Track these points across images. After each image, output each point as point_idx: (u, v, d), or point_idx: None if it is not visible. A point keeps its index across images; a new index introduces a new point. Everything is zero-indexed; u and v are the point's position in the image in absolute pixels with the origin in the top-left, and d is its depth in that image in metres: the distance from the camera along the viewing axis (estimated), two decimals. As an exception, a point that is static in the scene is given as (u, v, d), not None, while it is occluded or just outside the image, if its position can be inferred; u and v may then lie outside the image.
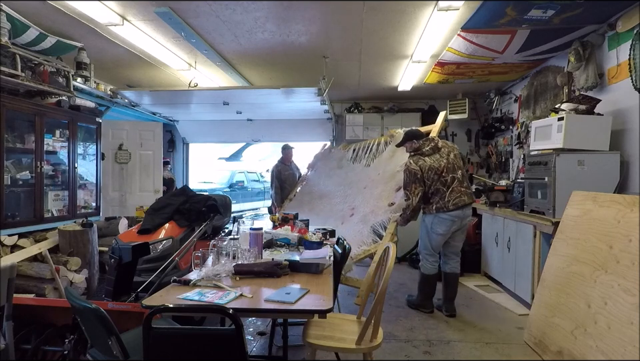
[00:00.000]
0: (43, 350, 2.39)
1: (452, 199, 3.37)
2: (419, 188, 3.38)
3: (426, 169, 3.38)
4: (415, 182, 3.39)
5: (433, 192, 3.42)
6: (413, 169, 3.40)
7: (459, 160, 3.52)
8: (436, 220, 3.45)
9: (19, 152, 3.73)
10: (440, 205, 3.40)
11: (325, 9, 3.27)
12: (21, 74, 3.37)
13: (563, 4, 2.83)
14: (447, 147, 3.55)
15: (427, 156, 3.44)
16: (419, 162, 3.41)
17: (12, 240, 3.42)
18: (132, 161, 6.18)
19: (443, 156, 3.44)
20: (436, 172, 3.38)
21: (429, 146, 3.47)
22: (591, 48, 3.46)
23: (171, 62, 4.53)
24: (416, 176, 3.38)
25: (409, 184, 3.42)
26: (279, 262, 2.33)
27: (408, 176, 3.43)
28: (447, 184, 3.39)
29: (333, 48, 4.18)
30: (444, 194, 3.39)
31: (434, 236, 3.51)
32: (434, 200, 3.43)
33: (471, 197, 3.50)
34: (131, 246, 2.61)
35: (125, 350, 1.53)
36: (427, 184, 3.39)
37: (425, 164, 3.39)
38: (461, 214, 3.42)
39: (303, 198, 5.34)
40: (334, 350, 2.05)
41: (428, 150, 3.46)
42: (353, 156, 5.24)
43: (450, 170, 3.40)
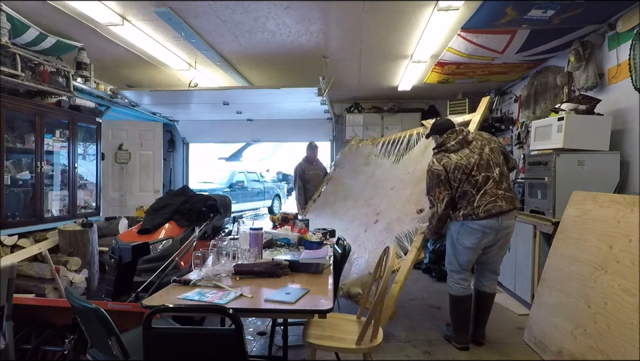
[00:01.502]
0: (43, 350, 2.39)
1: (483, 204, 2.69)
2: (444, 192, 2.76)
3: (451, 168, 2.74)
4: (438, 185, 2.77)
5: (460, 195, 2.78)
6: (435, 170, 2.79)
7: (497, 155, 2.81)
8: (463, 229, 2.80)
9: (19, 152, 3.73)
10: (468, 211, 2.73)
11: (324, 9, 3.27)
12: (21, 74, 3.37)
13: (563, 4, 2.83)
14: (481, 139, 2.85)
15: (453, 152, 2.80)
16: (442, 160, 2.79)
17: (12, 240, 3.42)
18: (132, 161, 6.18)
19: (474, 151, 2.78)
20: (463, 170, 2.72)
21: (454, 140, 2.81)
22: (591, 48, 3.46)
23: (171, 62, 4.53)
24: (439, 178, 2.76)
25: (432, 188, 2.82)
26: (279, 262, 2.33)
27: (430, 179, 2.83)
28: (477, 185, 2.72)
29: (332, 48, 4.18)
30: (473, 197, 2.72)
31: (460, 249, 2.86)
32: (461, 204, 2.79)
33: (512, 203, 2.75)
34: (131, 246, 2.61)
35: (124, 350, 1.53)
36: (454, 186, 2.76)
37: (450, 162, 2.76)
38: (494, 224, 2.70)
39: (327, 199, 4.95)
40: (334, 350, 2.04)
41: (453, 145, 2.81)
42: (382, 151, 4.62)
43: (482, 168, 2.73)
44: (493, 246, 2.83)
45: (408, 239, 3.25)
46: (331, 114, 6.33)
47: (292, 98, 5.26)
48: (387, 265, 1.99)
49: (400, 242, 3.27)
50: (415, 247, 3.11)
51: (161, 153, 6.47)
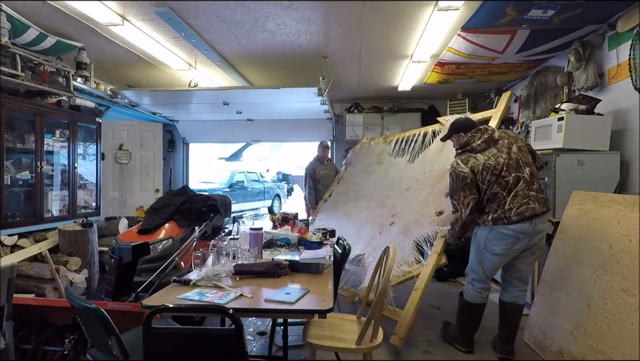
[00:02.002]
0: (43, 350, 2.39)
1: (515, 206, 2.46)
2: (469, 196, 2.52)
3: (479, 170, 2.51)
4: (463, 189, 2.53)
5: (489, 197, 2.54)
6: (461, 172, 2.53)
7: (525, 154, 2.60)
8: (492, 234, 2.55)
9: (19, 152, 3.73)
10: (498, 215, 2.50)
11: (324, 9, 3.27)
12: (21, 74, 3.37)
13: (563, 4, 2.83)
14: (508, 138, 2.63)
15: (480, 152, 2.57)
16: (469, 161, 2.55)
17: (12, 240, 3.42)
18: (132, 161, 6.18)
19: (502, 150, 2.55)
20: (492, 171, 2.50)
21: (480, 139, 2.59)
22: (591, 48, 3.46)
23: (171, 62, 4.53)
24: (465, 181, 2.51)
25: (456, 191, 2.57)
26: (279, 262, 2.33)
27: (454, 181, 2.58)
28: (508, 187, 2.49)
29: (332, 48, 4.18)
30: (504, 199, 2.49)
31: (488, 256, 2.61)
32: (490, 208, 2.55)
33: (545, 204, 2.52)
34: (131, 246, 2.61)
35: (124, 350, 1.53)
36: (482, 189, 2.53)
37: (477, 163, 2.53)
38: (528, 228, 2.47)
39: (339, 199, 4.79)
40: (334, 350, 2.05)
41: (480, 145, 2.58)
42: (395, 150, 4.42)
43: (512, 168, 2.51)
44: (524, 252, 2.59)
45: (427, 242, 3.03)
46: (330, 114, 6.33)
47: (292, 98, 5.26)
48: (387, 265, 1.98)
49: (419, 246, 3.07)
50: (436, 252, 2.92)
51: (161, 153, 6.47)
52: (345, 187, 4.87)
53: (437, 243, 2.96)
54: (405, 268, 2.99)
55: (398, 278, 2.96)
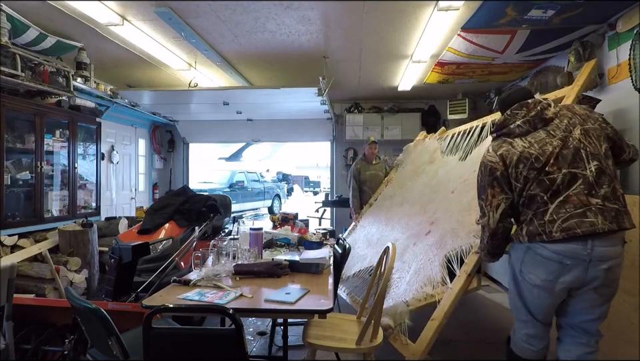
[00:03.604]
0: (43, 350, 2.40)
1: (561, 218, 1.71)
2: (499, 195, 1.86)
3: (513, 160, 1.82)
4: (492, 185, 1.88)
5: (524, 200, 1.83)
6: (489, 162, 1.90)
7: (595, 141, 1.80)
8: (529, 256, 1.82)
9: (19, 152, 3.73)
10: (534, 227, 1.77)
11: (324, 9, 3.27)
12: (21, 74, 3.37)
13: (563, 4, 2.83)
14: (570, 116, 1.85)
15: (519, 136, 1.87)
16: (500, 148, 1.89)
17: (12, 240, 3.42)
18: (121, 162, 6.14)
19: (554, 134, 1.80)
20: (532, 164, 1.78)
21: (522, 119, 1.87)
22: (591, 48, 3.46)
23: (171, 62, 4.53)
24: (493, 174, 1.87)
25: (484, 188, 1.93)
26: (279, 262, 2.34)
27: (482, 175, 1.95)
28: (553, 188, 1.75)
29: (332, 48, 4.18)
30: (544, 206, 1.76)
31: (527, 287, 1.85)
32: (526, 215, 1.83)
33: (616, 220, 1.71)
34: (131, 246, 2.61)
35: (125, 350, 1.53)
36: (517, 188, 1.83)
37: (512, 150, 1.84)
38: (580, 252, 1.70)
39: (383, 203, 4.34)
40: (334, 350, 2.04)
41: (520, 126, 1.87)
42: (449, 146, 3.81)
43: (565, 161, 1.74)
44: (581, 289, 1.76)
45: (458, 260, 2.46)
46: (331, 114, 6.33)
47: (292, 98, 5.26)
48: (387, 265, 1.98)
49: (449, 263, 2.49)
50: (465, 272, 2.30)
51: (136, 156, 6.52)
52: (392, 190, 4.42)
53: (469, 260, 2.33)
54: (428, 289, 2.44)
55: (419, 301, 2.44)
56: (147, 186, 6.96)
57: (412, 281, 2.66)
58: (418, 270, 2.69)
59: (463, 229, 2.67)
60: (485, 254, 2.07)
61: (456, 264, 2.46)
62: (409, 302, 2.47)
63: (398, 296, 2.66)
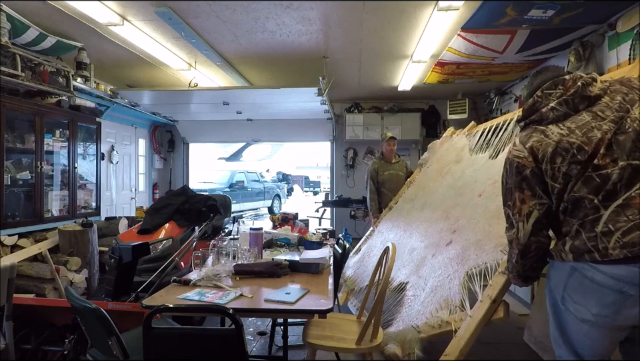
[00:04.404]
0: (43, 350, 2.39)
1: (620, 228, 1.28)
2: (530, 201, 1.45)
3: (548, 154, 1.41)
4: (520, 187, 1.47)
5: (566, 206, 1.40)
6: (515, 158, 1.48)
7: None
8: (575, 280, 1.38)
9: (19, 152, 3.73)
10: (582, 242, 1.34)
11: (324, 9, 3.27)
12: (21, 74, 3.37)
13: (563, 4, 2.83)
14: (624, 92, 1.43)
15: (554, 122, 1.46)
16: (530, 139, 1.47)
17: (12, 240, 3.42)
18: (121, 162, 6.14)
19: (605, 114, 1.39)
20: (574, 156, 1.36)
21: (556, 100, 1.46)
22: (591, 48, 3.46)
23: (171, 62, 4.53)
24: (522, 173, 1.46)
25: (511, 192, 1.51)
26: (279, 262, 2.34)
27: (507, 175, 1.54)
28: (605, 187, 1.33)
29: (332, 48, 4.18)
30: (595, 213, 1.34)
31: (571, 320, 1.40)
32: (569, 226, 1.40)
33: None
34: (131, 246, 2.61)
35: (124, 350, 1.53)
36: (555, 188, 1.40)
37: (546, 141, 1.42)
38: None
39: (403, 207, 3.97)
40: (334, 349, 2.05)
41: (555, 109, 1.46)
42: (479, 143, 3.34)
43: (625, 150, 1.32)
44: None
45: (481, 280, 2.01)
46: (331, 114, 6.33)
47: (292, 98, 5.26)
48: (387, 265, 1.98)
49: (471, 282, 2.05)
50: (489, 297, 1.85)
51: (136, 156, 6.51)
52: (414, 192, 4.00)
53: (494, 283, 1.89)
54: (444, 314, 2.06)
55: (432, 328, 2.07)
56: (147, 186, 6.96)
57: (427, 301, 2.31)
58: (434, 289, 2.32)
59: (489, 241, 2.22)
60: (514, 277, 1.59)
61: (478, 284, 1.99)
62: (420, 327, 2.13)
63: (410, 319, 2.32)
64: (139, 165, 6.63)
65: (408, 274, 2.83)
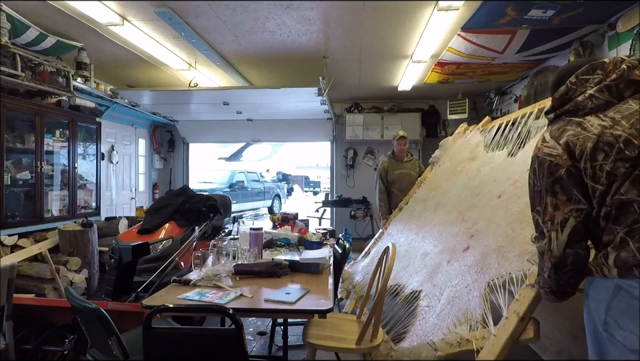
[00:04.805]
0: (43, 350, 2.39)
1: None
2: (566, 207, 1.23)
3: (586, 150, 1.19)
4: (552, 190, 1.26)
5: (609, 211, 1.17)
6: (546, 156, 1.28)
7: None
8: (620, 301, 1.12)
9: (19, 152, 3.73)
10: (630, 254, 1.11)
11: (324, 9, 3.27)
12: (21, 74, 3.37)
13: (563, 4, 2.83)
14: None
15: (593, 112, 1.25)
16: (564, 133, 1.26)
17: (12, 240, 3.42)
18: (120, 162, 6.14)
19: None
20: (620, 152, 1.15)
21: (596, 87, 1.26)
22: (591, 48, 3.46)
23: (171, 62, 4.53)
24: (554, 173, 1.26)
25: (540, 196, 1.31)
26: (279, 262, 2.34)
27: (536, 177, 1.32)
28: None
29: (332, 48, 4.19)
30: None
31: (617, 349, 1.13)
32: (613, 234, 1.16)
33: None
34: (131, 246, 2.61)
35: (124, 350, 1.53)
36: (597, 190, 1.18)
37: (585, 135, 1.21)
38: None
39: (415, 208, 3.73)
40: (334, 349, 2.04)
41: (594, 97, 1.25)
42: (495, 139, 3.12)
43: None
44: None
45: (506, 292, 1.77)
46: (331, 114, 6.34)
47: (292, 98, 5.26)
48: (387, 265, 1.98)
49: (493, 294, 1.82)
50: (516, 314, 1.63)
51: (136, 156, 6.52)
52: (426, 192, 3.76)
53: (522, 297, 1.66)
54: (463, 330, 1.83)
55: (450, 345, 1.86)
56: (147, 186, 6.96)
57: (443, 314, 2.10)
58: (451, 300, 2.11)
59: (512, 248, 1.97)
60: (546, 292, 1.37)
61: (502, 298, 1.74)
62: (437, 344, 1.91)
63: (424, 333, 2.11)
64: (138, 165, 6.64)
65: (421, 282, 2.60)
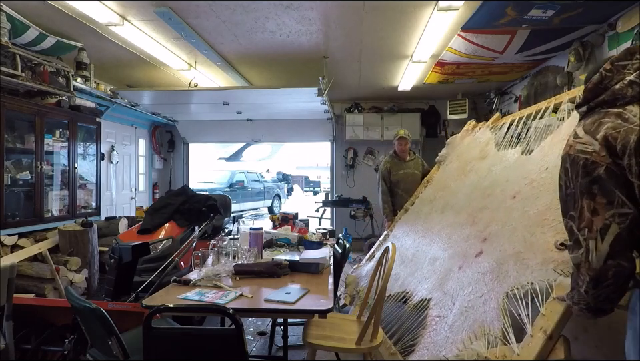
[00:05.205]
0: (43, 350, 2.39)
1: None
2: (607, 211, 1.06)
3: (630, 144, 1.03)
4: (590, 192, 1.09)
5: None
6: (580, 153, 1.12)
7: None
8: None
9: (19, 152, 3.73)
10: None
11: (324, 9, 3.27)
12: (21, 74, 3.37)
13: (563, 4, 2.83)
14: None
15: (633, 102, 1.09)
16: (600, 126, 1.10)
17: (12, 240, 3.42)
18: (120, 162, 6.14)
19: None
20: None
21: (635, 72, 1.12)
22: (591, 48, 3.46)
23: (171, 62, 4.53)
24: (591, 173, 1.08)
25: (573, 200, 1.14)
26: (279, 262, 2.34)
27: (568, 179, 1.16)
28: None
29: (332, 48, 4.18)
30: None
31: None
32: None
33: None
34: (131, 246, 2.61)
35: (125, 350, 1.53)
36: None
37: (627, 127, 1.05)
38: None
39: (421, 209, 3.57)
40: (334, 349, 2.04)
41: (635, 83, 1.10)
42: (507, 137, 2.97)
43: None
44: None
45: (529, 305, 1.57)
46: (331, 114, 6.34)
47: (292, 98, 5.26)
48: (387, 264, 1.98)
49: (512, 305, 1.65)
50: (543, 331, 1.44)
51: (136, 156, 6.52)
52: (433, 192, 3.58)
53: (548, 312, 1.47)
54: (480, 346, 1.65)
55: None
56: (147, 186, 6.96)
57: (456, 326, 1.93)
58: (465, 310, 1.94)
59: (533, 255, 1.77)
60: (581, 309, 1.21)
61: (524, 311, 1.53)
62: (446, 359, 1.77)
63: (436, 347, 1.95)
64: (138, 165, 6.64)
65: (430, 289, 2.43)
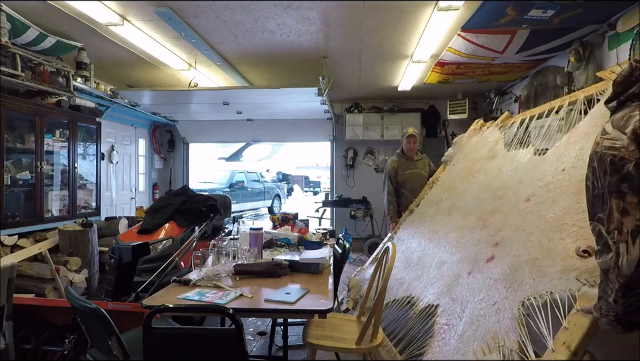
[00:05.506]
0: (43, 350, 2.39)
1: None
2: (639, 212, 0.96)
3: None
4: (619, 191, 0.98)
5: None
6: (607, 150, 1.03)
7: None
8: None
9: (19, 152, 3.73)
10: None
11: (324, 9, 3.27)
12: (21, 74, 3.37)
13: (563, 4, 2.83)
14: None
15: None
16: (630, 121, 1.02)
17: (12, 240, 3.42)
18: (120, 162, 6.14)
19: None
20: None
21: None
22: (591, 48, 3.46)
23: (171, 62, 4.53)
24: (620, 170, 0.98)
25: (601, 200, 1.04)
26: (279, 262, 2.34)
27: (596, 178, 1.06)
28: None
29: (332, 48, 4.19)
30: None
31: None
32: None
33: None
34: (131, 246, 2.61)
35: (125, 350, 1.53)
36: None
37: None
38: None
39: (427, 211, 3.46)
40: (334, 350, 2.05)
41: None
42: (517, 136, 2.84)
43: None
44: None
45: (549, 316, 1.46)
46: (331, 114, 6.34)
47: (292, 98, 5.26)
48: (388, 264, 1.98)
49: (530, 316, 1.54)
50: (566, 346, 1.35)
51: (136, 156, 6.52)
52: (439, 193, 3.47)
53: (572, 325, 1.38)
54: (495, 357, 1.56)
55: None
56: (147, 186, 6.96)
57: (467, 336, 1.81)
58: (476, 319, 1.81)
59: (552, 263, 1.63)
60: (610, 321, 1.11)
61: (543, 322, 1.42)
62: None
63: (445, 358, 1.86)
64: (138, 165, 6.64)
65: (438, 295, 2.33)
